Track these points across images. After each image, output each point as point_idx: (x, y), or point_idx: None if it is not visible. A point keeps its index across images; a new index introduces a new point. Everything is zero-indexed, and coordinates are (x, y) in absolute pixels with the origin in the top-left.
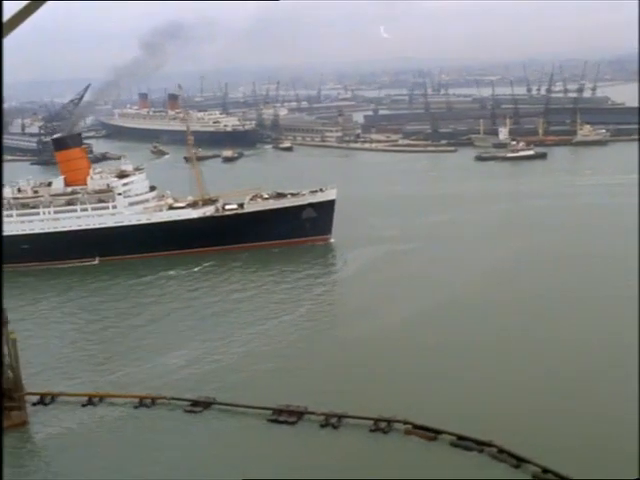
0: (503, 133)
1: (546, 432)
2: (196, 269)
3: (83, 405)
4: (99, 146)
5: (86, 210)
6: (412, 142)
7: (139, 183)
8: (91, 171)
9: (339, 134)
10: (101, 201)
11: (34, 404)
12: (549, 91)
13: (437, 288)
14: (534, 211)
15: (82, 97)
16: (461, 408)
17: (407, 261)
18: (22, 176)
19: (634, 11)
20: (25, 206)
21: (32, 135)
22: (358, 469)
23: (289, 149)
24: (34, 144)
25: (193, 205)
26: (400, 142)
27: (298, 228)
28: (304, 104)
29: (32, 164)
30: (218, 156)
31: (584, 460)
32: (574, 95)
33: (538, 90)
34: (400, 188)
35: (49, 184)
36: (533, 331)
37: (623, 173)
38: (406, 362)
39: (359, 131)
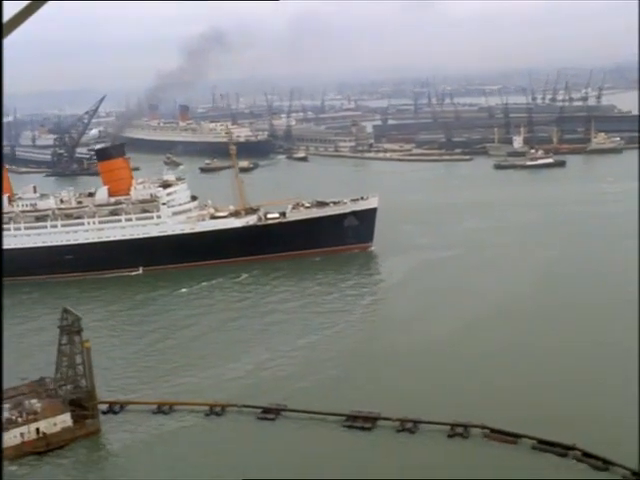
0: (518, 142)
1: (630, 435)
2: (239, 279)
3: (154, 413)
4: None
5: (130, 220)
6: (426, 151)
7: (182, 193)
8: (134, 181)
9: (352, 144)
10: (145, 211)
11: (104, 412)
12: (553, 100)
13: (482, 296)
14: (569, 218)
15: (97, 108)
16: (536, 411)
17: (449, 269)
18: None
19: (632, 18)
20: (69, 216)
21: (44, 147)
22: (442, 474)
23: (304, 159)
24: (47, 156)
25: (235, 214)
26: (414, 151)
27: (340, 236)
28: (309, 114)
29: (46, 176)
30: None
31: None
32: (579, 103)
33: (543, 99)
34: (425, 196)
35: (90, 194)
36: (597, 335)
37: None
38: (469, 368)
39: (372, 141)
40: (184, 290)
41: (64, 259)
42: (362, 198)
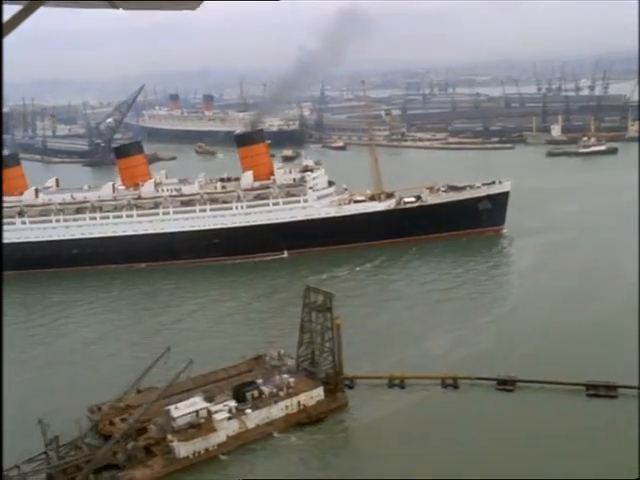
0: (556, 130)
1: None
2: (379, 260)
3: (389, 387)
4: None
5: (278, 204)
6: (463, 140)
7: (322, 178)
8: (275, 166)
9: (386, 133)
10: (291, 195)
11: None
12: (559, 89)
13: (616, 276)
14: None
15: (135, 98)
16: None
17: (574, 250)
18: (78, 178)
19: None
20: (214, 201)
21: (77, 137)
22: None
23: (342, 148)
24: (82, 146)
25: (374, 198)
26: (450, 140)
27: (475, 219)
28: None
29: (84, 165)
30: (272, 155)
31: None
32: (584, 93)
33: (548, 89)
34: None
35: (223, 180)
36: None
37: None
38: None
39: (404, 130)
40: (344, 273)
41: (212, 243)
42: (493, 182)
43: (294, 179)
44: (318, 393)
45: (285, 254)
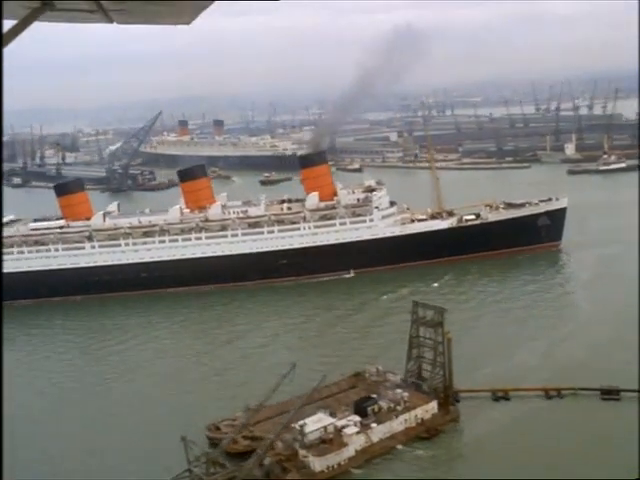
0: (570, 149)
1: None
2: (446, 277)
3: (493, 400)
4: None
5: (344, 224)
6: (478, 160)
7: (385, 197)
8: (338, 187)
9: (400, 154)
10: (356, 215)
11: None
12: (558, 109)
13: None
14: None
15: (154, 123)
16: None
17: (626, 263)
18: (101, 204)
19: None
20: (280, 222)
21: (90, 164)
22: None
23: (359, 170)
24: (99, 173)
25: (435, 217)
26: (464, 160)
27: (534, 235)
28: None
29: (102, 192)
30: (290, 179)
31: None
32: (584, 112)
33: (546, 109)
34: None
35: (283, 201)
36: None
37: None
38: None
39: (417, 151)
40: (437, 283)
41: (279, 264)
42: (550, 199)
43: (358, 199)
44: (432, 407)
45: (351, 273)
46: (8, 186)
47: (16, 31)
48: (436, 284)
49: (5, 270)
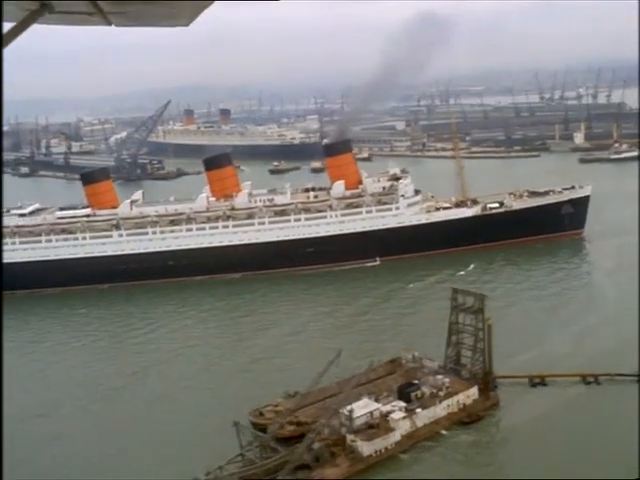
0: (579, 138)
1: None
2: (472, 265)
3: (531, 386)
4: None
5: (371, 212)
6: (486, 149)
7: (410, 185)
8: (363, 175)
9: (408, 143)
10: (382, 203)
11: None
12: (562, 98)
13: None
14: None
15: (161, 114)
16: None
17: None
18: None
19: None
20: (307, 210)
21: (97, 154)
22: None
23: (368, 159)
24: (108, 162)
25: (460, 205)
26: (473, 149)
27: (557, 223)
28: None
29: (114, 181)
30: (298, 168)
31: None
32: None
33: (550, 98)
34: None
35: (307, 190)
36: None
37: None
38: None
39: (425, 140)
40: (464, 271)
41: (306, 252)
42: (573, 187)
43: (383, 187)
44: (473, 392)
45: (377, 261)
46: (15, 175)
47: (15, 32)
48: (462, 272)
49: (33, 258)
